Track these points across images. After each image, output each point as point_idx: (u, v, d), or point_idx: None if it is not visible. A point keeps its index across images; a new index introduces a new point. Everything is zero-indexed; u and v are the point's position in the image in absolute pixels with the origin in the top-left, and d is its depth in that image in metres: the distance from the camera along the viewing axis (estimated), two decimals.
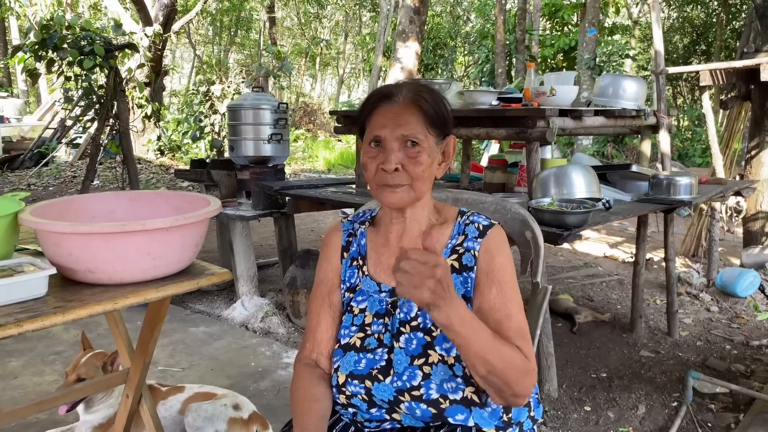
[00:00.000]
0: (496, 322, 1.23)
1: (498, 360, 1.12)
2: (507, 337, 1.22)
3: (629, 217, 2.95)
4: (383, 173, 1.25)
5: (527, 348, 1.23)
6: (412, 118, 1.24)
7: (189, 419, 2.28)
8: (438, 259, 1.04)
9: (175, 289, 1.42)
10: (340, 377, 1.29)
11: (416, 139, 1.24)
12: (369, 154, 1.28)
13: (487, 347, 1.11)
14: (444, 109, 1.29)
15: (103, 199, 1.66)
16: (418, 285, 1.02)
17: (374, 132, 1.26)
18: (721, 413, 2.87)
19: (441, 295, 1.04)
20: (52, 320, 1.23)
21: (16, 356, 3.26)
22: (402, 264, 1.03)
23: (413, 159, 1.24)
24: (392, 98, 1.25)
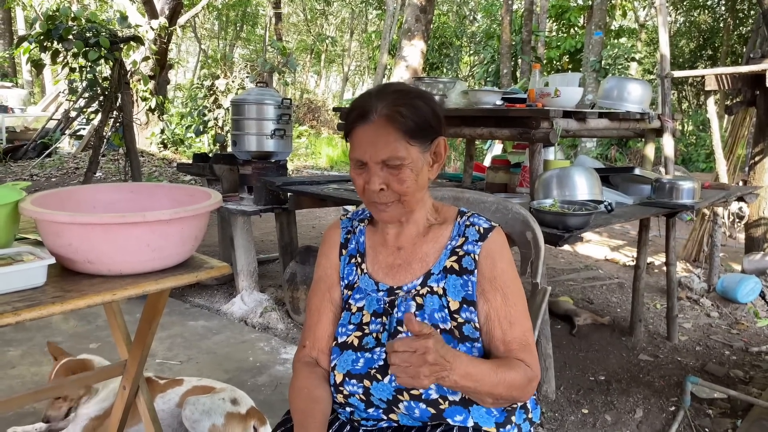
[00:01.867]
0: (502, 330, 1.27)
1: (503, 389, 1.18)
2: (511, 348, 1.25)
3: (631, 220, 2.94)
4: (370, 191, 1.25)
5: (530, 357, 1.25)
6: (390, 138, 1.21)
7: (187, 412, 2.28)
8: (427, 344, 1.06)
9: (174, 281, 1.42)
10: (337, 376, 1.29)
11: (397, 159, 1.21)
12: (355, 171, 1.27)
13: (491, 383, 1.17)
14: (427, 115, 1.24)
15: (105, 190, 1.66)
16: (414, 375, 1.06)
17: (355, 154, 1.24)
18: (719, 419, 2.87)
19: (440, 371, 1.09)
20: (50, 309, 1.23)
21: (14, 346, 3.26)
22: (392, 359, 1.07)
23: (396, 177, 1.23)
24: (368, 117, 1.21)
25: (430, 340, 1.07)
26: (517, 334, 1.26)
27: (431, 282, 1.31)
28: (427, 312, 1.28)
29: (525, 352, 1.25)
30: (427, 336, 1.08)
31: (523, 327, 1.28)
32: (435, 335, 1.10)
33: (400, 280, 1.34)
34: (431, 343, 1.07)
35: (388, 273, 1.36)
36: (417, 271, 1.33)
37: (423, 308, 1.29)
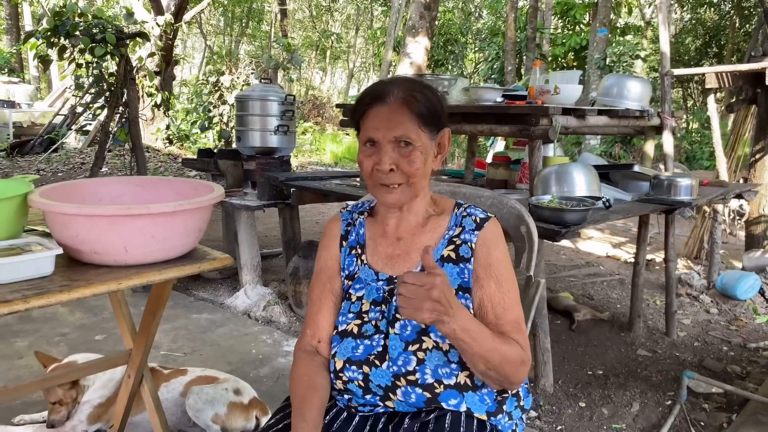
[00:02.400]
0: (495, 315, 1.31)
1: (496, 357, 1.20)
2: (505, 330, 1.29)
3: (628, 216, 2.97)
4: (379, 173, 1.29)
5: (523, 340, 1.30)
6: (404, 118, 1.27)
7: (190, 401, 2.33)
8: (434, 280, 1.10)
9: (177, 272, 1.47)
10: (337, 363, 1.33)
11: (409, 139, 1.27)
12: (364, 153, 1.32)
13: (487, 347, 1.19)
14: (437, 105, 1.31)
15: (110, 183, 1.71)
16: (417, 307, 1.10)
17: (368, 134, 1.29)
18: (715, 413, 2.90)
19: (442, 311, 1.11)
20: (58, 297, 1.28)
21: (21, 336, 3.32)
22: (399, 289, 1.10)
23: (407, 158, 1.28)
24: (384, 99, 1.28)
25: (438, 278, 1.10)
26: (511, 318, 1.30)
27: None
28: None
29: (518, 333, 1.29)
30: (436, 275, 1.11)
31: (516, 314, 1.32)
32: (444, 277, 1.13)
33: (400, 270, 1.38)
34: (438, 281, 1.10)
35: (388, 263, 1.40)
36: (416, 261, 1.38)
37: None
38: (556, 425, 2.73)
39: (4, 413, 2.49)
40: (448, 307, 1.12)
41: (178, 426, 2.38)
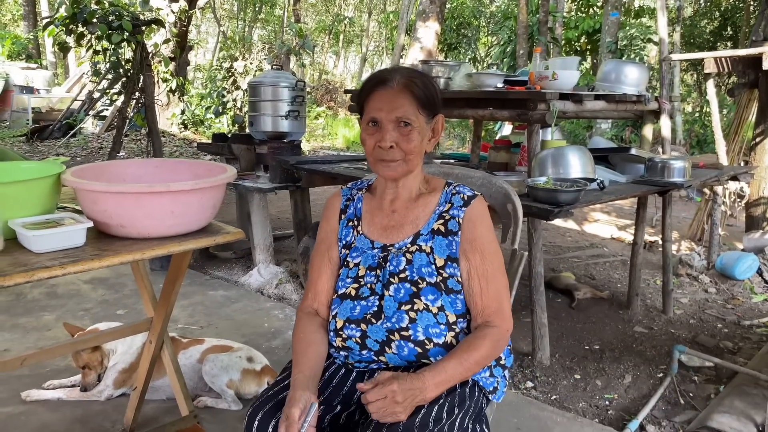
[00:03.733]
0: (480, 285, 1.47)
1: (475, 367, 1.41)
2: (486, 311, 1.45)
3: (621, 196, 3.09)
4: (380, 149, 1.44)
5: (500, 318, 1.46)
6: (405, 101, 1.42)
7: (206, 368, 2.52)
8: (392, 388, 1.27)
9: (194, 244, 1.63)
10: (338, 322, 1.49)
11: (408, 120, 1.42)
12: (367, 132, 1.47)
13: (463, 373, 1.39)
14: (433, 93, 1.46)
15: (133, 165, 1.87)
16: (392, 413, 1.28)
17: (372, 114, 1.44)
18: (704, 385, 3.04)
19: (412, 402, 1.30)
20: (90, 265, 1.45)
21: (49, 311, 3.52)
22: (370, 409, 1.28)
23: (406, 137, 1.43)
24: (387, 83, 1.43)
25: (395, 384, 1.29)
26: (492, 288, 1.45)
27: (420, 241, 1.50)
28: (415, 267, 1.48)
29: (496, 314, 1.45)
30: (390, 381, 1.29)
31: (498, 284, 1.47)
32: (397, 377, 1.31)
33: (393, 239, 1.53)
34: (396, 386, 1.28)
35: (383, 233, 1.55)
36: (408, 232, 1.53)
37: (411, 263, 1.48)
38: (551, 395, 2.88)
39: (35, 380, 2.69)
40: (416, 394, 1.30)
41: (195, 390, 2.57)
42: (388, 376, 1.31)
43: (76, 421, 2.42)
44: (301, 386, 1.35)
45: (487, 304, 1.46)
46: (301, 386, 1.35)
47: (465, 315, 1.47)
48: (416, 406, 1.33)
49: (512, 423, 2.48)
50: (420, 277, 1.46)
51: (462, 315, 1.47)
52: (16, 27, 23.07)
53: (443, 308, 1.44)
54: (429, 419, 1.32)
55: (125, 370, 2.59)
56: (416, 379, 1.32)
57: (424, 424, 1.31)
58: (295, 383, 1.37)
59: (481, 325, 1.45)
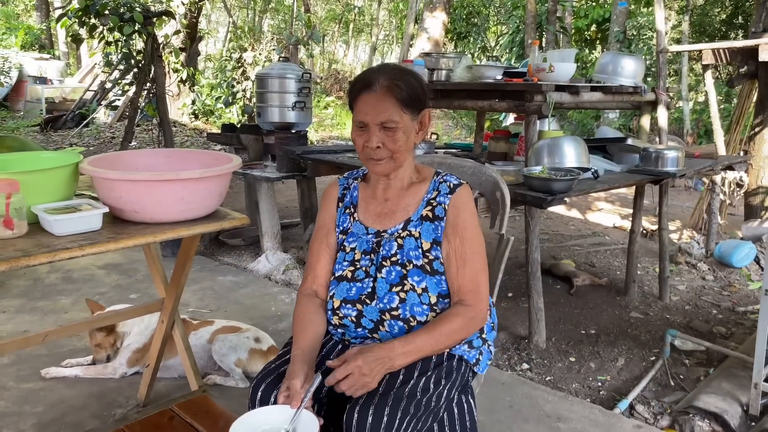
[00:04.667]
0: (457, 267, 1.57)
1: (446, 340, 1.52)
2: (462, 290, 1.56)
3: (615, 186, 3.19)
4: (368, 149, 1.55)
5: (474, 298, 1.56)
6: (388, 104, 1.51)
7: (216, 347, 2.65)
8: (356, 363, 1.38)
9: (203, 228, 1.76)
10: (335, 302, 1.61)
11: (392, 122, 1.52)
12: (356, 132, 1.57)
13: (433, 344, 1.50)
14: (418, 90, 1.55)
15: (145, 154, 2.00)
16: (364, 385, 1.38)
17: (359, 118, 1.55)
18: (694, 368, 3.15)
19: (382, 369, 1.41)
20: (107, 246, 1.58)
21: (65, 295, 3.68)
22: (341, 387, 1.38)
23: (391, 138, 1.53)
24: (372, 87, 1.52)
25: (359, 359, 1.39)
26: (468, 271, 1.56)
27: (410, 227, 1.62)
28: (405, 250, 1.59)
29: (471, 294, 1.55)
30: (355, 357, 1.40)
31: (476, 266, 1.58)
32: (362, 351, 1.41)
33: (386, 225, 1.65)
34: (360, 360, 1.39)
35: (377, 220, 1.67)
36: (399, 218, 1.64)
37: (402, 247, 1.60)
38: (545, 376, 3.00)
39: (54, 359, 2.84)
40: (384, 362, 1.41)
41: (204, 369, 2.70)
42: (354, 352, 1.42)
43: (92, 397, 2.56)
44: (300, 361, 1.47)
45: (463, 284, 1.56)
46: (300, 361, 1.47)
47: (447, 296, 1.58)
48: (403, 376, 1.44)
49: (506, 401, 2.60)
50: (408, 260, 1.58)
51: (444, 296, 1.58)
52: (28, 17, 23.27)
53: (426, 290, 1.55)
54: (417, 389, 1.44)
55: (138, 350, 2.73)
56: (382, 349, 1.43)
57: (412, 393, 1.42)
58: (294, 358, 1.49)
59: (455, 304, 1.56)
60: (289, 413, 1.33)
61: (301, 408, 1.34)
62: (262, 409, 1.38)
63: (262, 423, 1.32)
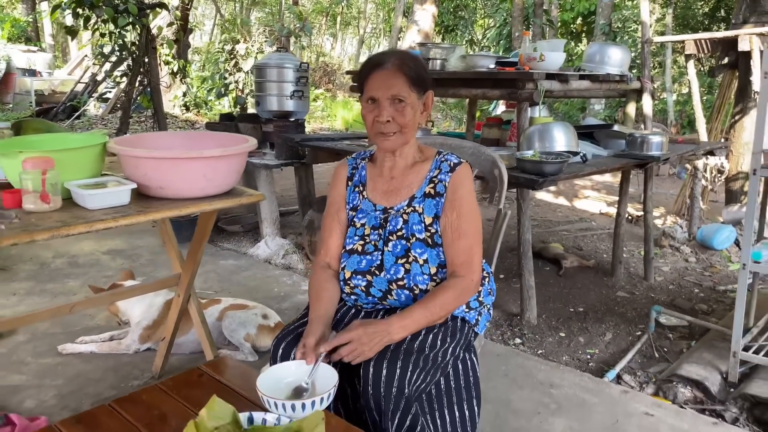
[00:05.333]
0: (452, 239, 1.70)
1: (440, 311, 1.64)
2: (455, 261, 1.68)
3: (602, 169, 3.35)
4: (378, 123, 1.69)
5: (467, 269, 1.68)
6: (399, 81, 1.65)
7: (226, 323, 2.78)
8: (356, 333, 1.50)
9: (222, 203, 1.89)
10: (346, 273, 1.75)
11: (402, 97, 1.66)
12: (367, 109, 1.71)
13: (428, 316, 1.61)
14: (423, 72, 1.70)
15: (165, 136, 2.13)
16: (363, 353, 1.50)
17: (370, 93, 1.68)
18: (678, 341, 3.33)
19: (380, 341, 1.51)
20: (137, 219, 1.71)
21: (72, 278, 3.79)
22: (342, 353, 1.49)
23: (400, 112, 1.67)
24: (383, 65, 1.66)
25: (360, 329, 1.51)
26: (462, 243, 1.69)
27: (414, 203, 1.76)
28: (410, 225, 1.73)
29: (464, 265, 1.68)
30: (357, 328, 1.52)
31: (471, 240, 1.71)
32: (364, 323, 1.54)
33: (392, 202, 1.79)
34: (361, 330, 1.51)
35: (384, 197, 1.80)
36: (404, 195, 1.78)
37: (407, 222, 1.74)
38: (537, 350, 3.16)
39: (68, 337, 2.96)
40: (383, 335, 1.52)
41: (215, 345, 2.83)
42: (356, 324, 1.55)
43: (108, 370, 2.69)
44: (317, 321, 1.61)
45: (457, 255, 1.69)
46: (317, 321, 1.61)
47: (445, 267, 1.72)
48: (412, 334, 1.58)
49: (501, 370, 2.76)
50: (412, 234, 1.72)
51: (443, 266, 1.71)
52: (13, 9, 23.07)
53: (427, 261, 1.69)
54: (426, 345, 1.59)
55: (148, 327, 2.85)
56: (382, 323, 1.55)
57: (421, 348, 1.57)
58: (311, 320, 1.63)
59: (450, 275, 1.70)
60: (309, 367, 1.46)
61: (319, 361, 1.47)
62: (285, 364, 1.51)
63: (285, 376, 1.45)
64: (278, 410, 1.28)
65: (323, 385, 1.39)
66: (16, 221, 1.57)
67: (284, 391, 1.39)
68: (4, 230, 1.51)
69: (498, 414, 2.40)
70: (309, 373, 1.44)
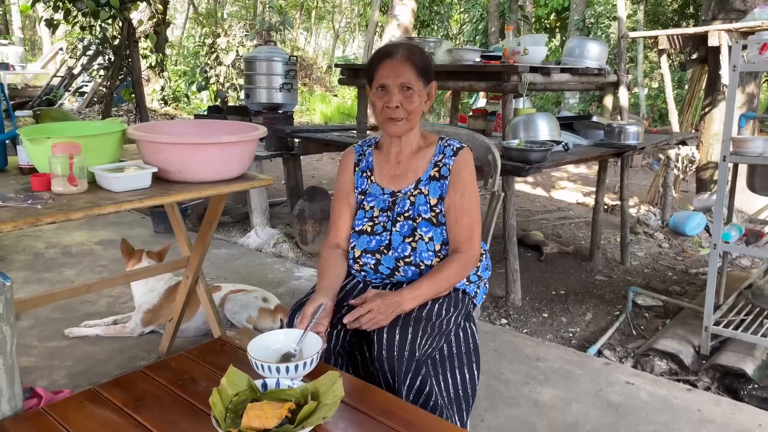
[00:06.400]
0: (456, 217, 1.85)
1: (445, 284, 1.78)
2: (458, 238, 1.83)
3: (583, 157, 3.53)
4: (387, 110, 1.82)
5: (468, 245, 1.82)
6: (407, 70, 1.80)
7: (228, 306, 2.90)
8: (373, 303, 1.64)
9: (237, 186, 2.01)
10: (356, 252, 1.89)
11: (410, 85, 1.80)
12: (377, 95, 1.85)
13: (435, 288, 1.76)
14: (429, 63, 1.85)
15: (178, 124, 2.24)
16: (378, 321, 1.63)
17: (381, 81, 1.82)
18: (653, 320, 3.54)
19: (392, 311, 1.64)
20: (161, 200, 1.82)
21: (68, 267, 3.86)
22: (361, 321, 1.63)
23: (408, 99, 1.81)
24: (393, 55, 1.81)
25: (378, 300, 1.65)
26: (465, 221, 1.84)
27: (420, 186, 1.90)
28: (416, 206, 1.87)
29: (465, 242, 1.83)
30: (374, 298, 1.66)
31: (472, 218, 1.86)
32: (380, 294, 1.68)
33: (399, 186, 1.92)
34: (379, 301, 1.65)
35: (391, 181, 1.94)
36: (411, 179, 1.92)
37: (414, 204, 1.88)
38: (522, 329, 3.34)
39: (71, 322, 3.05)
40: (396, 306, 1.66)
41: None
42: (373, 295, 1.69)
43: (115, 352, 2.79)
44: (320, 293, 1.75)
45: (459, 233, 1.84)
46: (320, 293, 1.75)
47: (448, 244, 1.86)
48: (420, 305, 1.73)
49: (490, 346, 2.92)
50: (418, 214, 1.86)
51: (446, 243, 1.86)
52: None
53: (432, 239, 1.84)
54: (432, 313, 1.74)
55: (149, 310, 2.95)
56: (395, 295, 1.69)
57: (428, 316, 1.72)
58: (316, 291, 1.77)
59: (452, 251, 1.85)
60: (297, 336, 1.57)
61: (307, 331, 1.58)
62: (274, 332, 1.62)
63: (273, 342, 1.57)
64: (266, 372, 1.41)
65: (309, 351, 1.51)
66: (51, 202, 1.68)
67: (273, 357, 1.51)
68: (41, 209, 1.61)
69: (490, 384, 2.56)
70: (297, 340, 1.56)
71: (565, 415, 2.38)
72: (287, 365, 1.42)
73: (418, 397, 1.65)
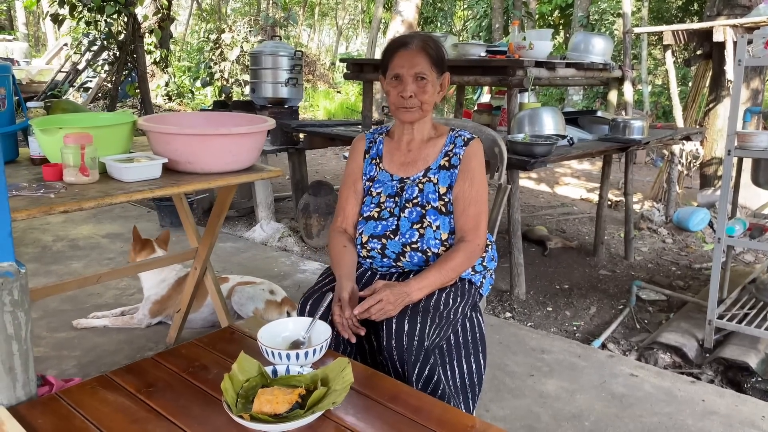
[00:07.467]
0: (463, 206, 1.87)
1: (452, 273, 1.80)
2: (464, 227, 1.85)
3: (589, 151, 3.54)
4: (401, 98, 1.85)
5: (474, 234, 1.84)
6: (422, 60, 1.82)
7: (235, 298, 2.92)
8: (383, 294, 1.65)
9: (246, 178, 2.03)
10: (363, 238, 1.91)
11: (424, 75, 1.82)
12: (391, 85, 1.87)
13: (442, 278, 1.77)
14: (442, 54, 1.87)
15: (187, 116, 2.25)
16: (387, 312, 1.65)
17: (395, 70, 1.84)
18: (657, 313, 3.55)
19: (401, 302, 1.65)
20: (171, 190, 1.84)
21: (75, 260, 3.88)
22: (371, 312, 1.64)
23: (422, 89, 1.84)
24: (408, 45, 1.83)
25: (387, 290, 1.66)
26: (472, 210, 1.86)
27: (429, 174, 1.92)
28: (425, 193, 1.89)
29: (471, 231, 1.85)
30: (383, 289, 1.67)
31: (479, 208, 1.88)
32: (389, 285, 1.69)
33: (409, 173, 1.95)
34: (388, 291, 1.66)
35: (400, 168, 1.96)
36: (420, 167, 1.94)
37: (423, 191, 1.90)
38: (526, 323, 3.35)
39: (79, 313, 3.08)
40: (404, 297, 1.67)
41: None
42: (382, 285, 1.70)
43: (122, 343, 2.81)
44: (346, 278, 1.78)
45: (466, 221, 1.86)
46: (346, 278, 1.78)
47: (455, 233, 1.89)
48: (427, 294, 1.75)
49: (495, 338, 2.94)
50: (427, 202, 1.88)
51: (453, 233, 1.88)
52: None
53: (440, 227, 1.86)
54: (440, 303, 1.76)
55: (157, 301, 2.98)
56: (404, 286, 1.71)
57: (436, 306, 1.74)
58: (340, 278, 1.79)
59: (458, 240, 1.87)
60: (305, 324, 1.60)
61: (316, 318, 1.61)
62: (285, 320, 1.65)
63: (282, 330, 1.60)
64: (275, 359, 1.44)
65: (318, 339, 1.54)
66: (64, 191, 1.70)
67: (282, 345, 1.54)
68: (54, 198, 1.64)
69: (495, 376, 2.58)
70: (306, 328, 1.59)
71: (570, 406, 2.40)
72: (297, 352, 1.44)
73: (426, 386, 1.68)
